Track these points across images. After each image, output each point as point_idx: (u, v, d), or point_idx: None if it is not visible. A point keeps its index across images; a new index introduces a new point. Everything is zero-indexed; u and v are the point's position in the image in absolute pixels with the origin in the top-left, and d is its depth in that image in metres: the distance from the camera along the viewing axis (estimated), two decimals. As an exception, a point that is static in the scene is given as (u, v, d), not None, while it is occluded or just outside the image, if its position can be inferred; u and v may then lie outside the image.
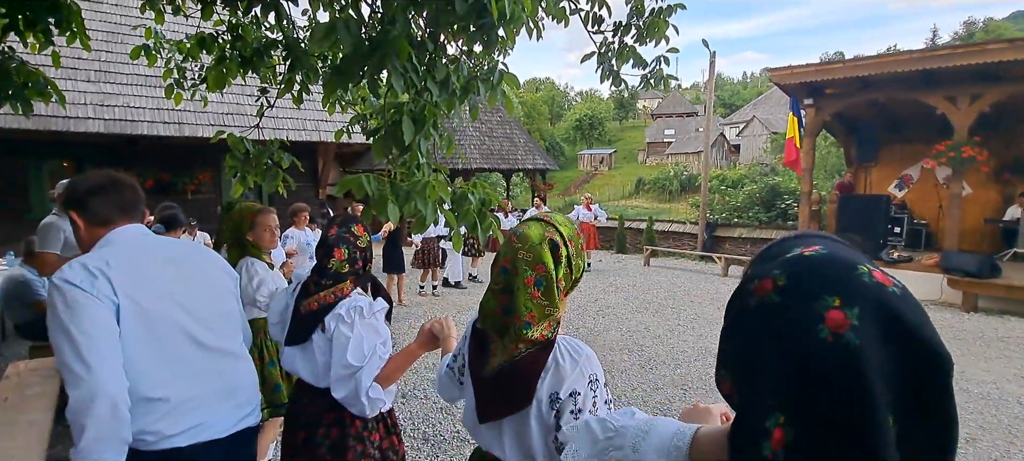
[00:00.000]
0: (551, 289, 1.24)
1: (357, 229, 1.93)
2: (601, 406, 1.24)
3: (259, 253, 2.88)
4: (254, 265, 2.81)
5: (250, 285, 2.77)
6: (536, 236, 1.25)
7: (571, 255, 1.28)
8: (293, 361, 1.90)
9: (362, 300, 1.85)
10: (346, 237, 1.90)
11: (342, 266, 1.85)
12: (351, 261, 1.87)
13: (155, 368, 1.46)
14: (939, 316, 7.34)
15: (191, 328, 1.55)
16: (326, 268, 1.84)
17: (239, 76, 3.40)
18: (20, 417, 3.02)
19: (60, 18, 2.70)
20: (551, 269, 1.24)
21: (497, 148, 15.58)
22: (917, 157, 10.59)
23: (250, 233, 2.86)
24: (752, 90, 79.50)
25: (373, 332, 1.80)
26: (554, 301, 1.24)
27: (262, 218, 2.89)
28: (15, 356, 5.07)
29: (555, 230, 1.28)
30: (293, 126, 10.08)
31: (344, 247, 1.87)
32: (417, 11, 2.27)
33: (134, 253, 1.52)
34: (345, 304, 1.81)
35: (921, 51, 8.26)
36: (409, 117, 2.27)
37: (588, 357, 1.26)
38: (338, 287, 1.84)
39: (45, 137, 8.47)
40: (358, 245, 1.91)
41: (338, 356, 1.76)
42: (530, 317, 1.23)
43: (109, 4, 9.99)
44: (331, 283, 1.83)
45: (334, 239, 1.88)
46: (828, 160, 23.82)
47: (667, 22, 2.68)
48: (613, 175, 48.91)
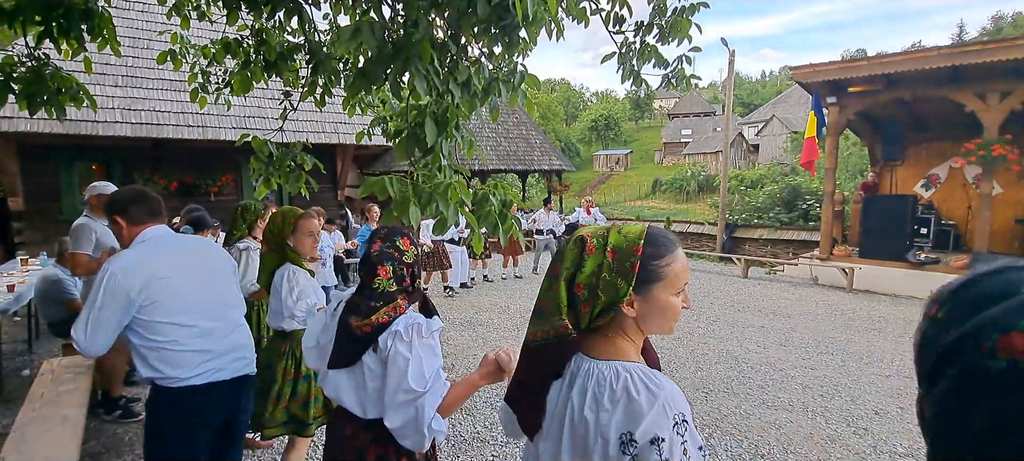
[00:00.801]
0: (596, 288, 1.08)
1: (402, 243, 1.75)
2: (694, 454, 0.97)
3: (299, 260, 2.68)
4: (296, 275, 2.60)
5: (290, 296, 2.57)
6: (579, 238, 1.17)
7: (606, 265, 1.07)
8: (338, 387, 1.71)
9: (419, 318, 1.68)
10: (390, 253, 1.72)
11: (389, 285, 1.69)
12: (398, 279, 1.71)
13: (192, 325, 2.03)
14: (969, 319, 7.13)
15: (204, 301, 2.11)
16: (373, 288, 1.68)
17: (263, 80, 3.46)
18: (55, 412, 3.11)
19: (92, 25, 2.77)
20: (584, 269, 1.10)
21: (513, 149, 15.59)
22: (944, 156, 10.33)
23: (291, 238, 2.67)
24: (771, 89, 78.28)
25: (432, 354, 1.63)
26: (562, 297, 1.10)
27: (304, 223, 2.70)
28: (49, 354, 5.22)
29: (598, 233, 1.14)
30: (313, 129, 10.21)
31: (389, 264, 1.70)
32: (439, 13, 2.28)
33: (161, 249, 2.09)
34: (401, 321, 1.64)
35: (949, 47, 8.06)
36: (432, 119, 2.29)
37: (671, 394, 1.01)
38: (391, 307, 1.66)
39: (75, 141, 8.71)
40: (404, 261, 1.73)
41: (395, 379, 1.58)
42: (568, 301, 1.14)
43: (136, 11, 10.25)
44: (382, 304, 1.66)
45: (377, 256, 1.71)
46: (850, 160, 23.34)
47: (690, 21, 2.66)
48: (629, 176, 48.59)
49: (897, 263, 8.80)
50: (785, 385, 4.72)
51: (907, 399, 4.40)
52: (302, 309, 2.58)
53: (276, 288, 2.62)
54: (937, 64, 7.84)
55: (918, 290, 8.47)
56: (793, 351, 5.70)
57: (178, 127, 9.19)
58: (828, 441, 3.71)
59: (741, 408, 4.24)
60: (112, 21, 2.93)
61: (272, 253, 2.69)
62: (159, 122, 9.07)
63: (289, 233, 2.67)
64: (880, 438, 3.76)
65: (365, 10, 2.65)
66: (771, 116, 46.84)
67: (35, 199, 8.99)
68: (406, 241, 1.76)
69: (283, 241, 2.66)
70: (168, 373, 2.00)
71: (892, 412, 4.17)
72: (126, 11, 9.99)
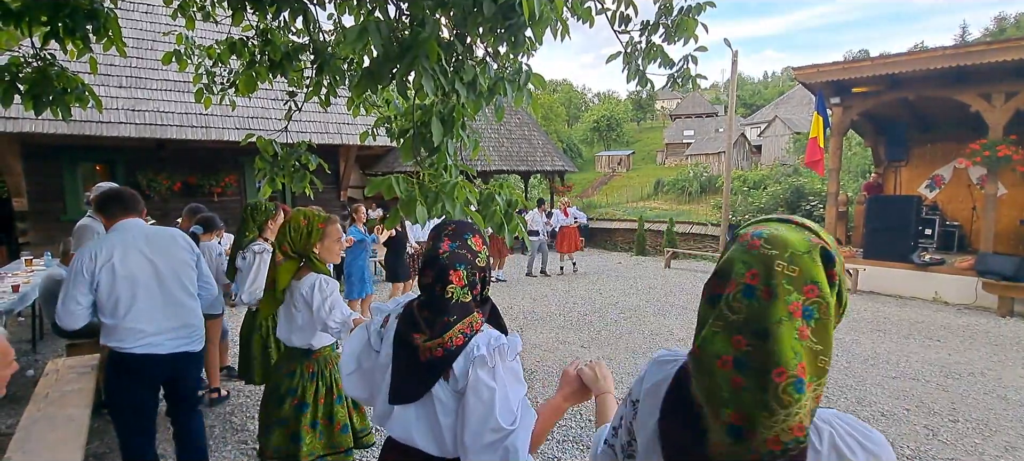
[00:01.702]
0: (826, 326, 0.76)
1: (475, 242, 1.42)
2: None
3: (324, 268, 2.45)
4: (327, 284, 2.38)
5: (323, 307, 2.33)
6: (799, 242, 0.78)
7: (842, 277, 0.81)
8: (407, 426, 1.40)
9: (499, 336, 1.40)
10: (463, 254, 1.39)
11: (463, 294, 1.36)
12: (471, 285, 1.39)
13: (131, 306, 2.41)
14: (974, 320, 7.10)
15: (155, 281, 2.47)
16: (445, 299, 1.35)
17: (267, 80, 3.46)
18: (59, 412, 3.11)
19: (97, 25, 2.78)
20: (827, 293, 0.77)
21: (515, 150, 15.58)
22: (949, 157, 10.29)
23: (318, 244, 2.41)
24: (773, 89, 78.16)
25: (517, 381, 1.38)
26: (829, 345, 0.77)
27: (333, 229, 2.47)
28: (53, 354, 5.23)
29: (816, 235, 0.82)
30: (316, 130, 10.22)
31: (463, 268, 1.37)
32: (445, 12, 2.28)
33: (126, 237, 2.46)
34: (482, 340, 1.35)
35: (954, 47, 8.03)
36: (438, 118, 2.28)
37: (888, 450, 0.81)
38: (468, 320, 1.36)
39: (79, 142, 8.73)
40: (477, 265, 1.41)
41: (480, 416, 1.30)
42: (800, 369, 0.72)
43: (140, 12, 10.27)
44: (457, 318, 1.35)
45: (448, 257, 1.37)
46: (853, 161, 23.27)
47: (696, 21, 2.65)
48: (631, 176, 48.54)
49: (901, 264, 8.76)
50: (790, 386, 4.70)
51: (913, 401, 4.38)
52: (338, 319, 2.34)
53: (303, 300, 2.37)
54: (941, 64, 7.81)
55: (923, 291, 8.44)
56: (798, 352, 5.67)
57: (182, 128, 9.21)
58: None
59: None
60: (118, 21, 2.93)
61: (290, 261, 2.41)
62: (163, 123, 9.08)
63: (317, 240, 2.41)
64: (887, 439, 3.74)
65: (370, 10, 2.64)
66: (774, 117, 46.76)
67: (39, 200, 9.01)
68: (478, 239, 1.45)
69: (308, 248, 2.40)
70: (113, 343, 2.44)
71: (899, 414, 4.15)
72: (130, 12, 10.02)
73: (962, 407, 4.29)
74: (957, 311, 7.67)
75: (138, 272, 2.43)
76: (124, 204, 2.53)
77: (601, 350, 5.72)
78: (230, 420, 3.93)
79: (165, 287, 2.50)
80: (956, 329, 6.68)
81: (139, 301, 2.43)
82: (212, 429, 3.79)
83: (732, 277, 0.80)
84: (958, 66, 7.71)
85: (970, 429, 3.93)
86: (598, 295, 8.72)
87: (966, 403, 4.37)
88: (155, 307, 2.47)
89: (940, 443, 3.72)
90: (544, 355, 5.54)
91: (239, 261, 3.55)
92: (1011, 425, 4.00)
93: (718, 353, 0.77)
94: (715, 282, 0.84)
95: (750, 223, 0.89)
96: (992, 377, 4.98)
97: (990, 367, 5.27)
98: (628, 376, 4.91)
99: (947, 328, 6.72)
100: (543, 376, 4.92)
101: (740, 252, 0.81)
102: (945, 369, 5.19)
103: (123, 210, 2.52)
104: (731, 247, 0.85)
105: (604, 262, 12.86)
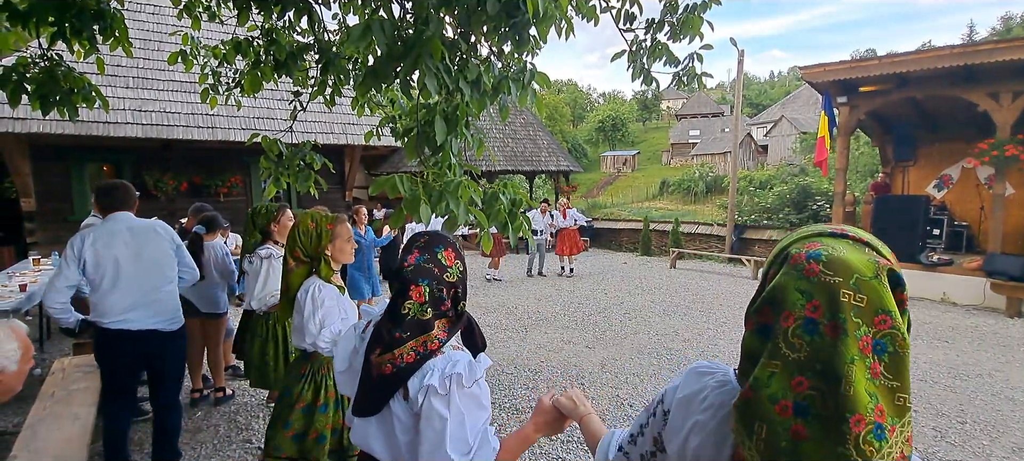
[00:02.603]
0: (903, 359, 0.68)
1: (445, 256, 1.36)
2: None
3: (331, 273, 2.37)
4: (321, 291, 2.27)
5: (312, 319, 2.24)
6: (865, 266, 0.69)
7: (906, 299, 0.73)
8: (366, 436, 1.38)
9: (460, 359, 1.33)
10: (429, 269, 1.33)
11: (421, 311, 1.31)
12: (435, 302, 1.33)
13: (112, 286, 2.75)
14: (982, 321, 7.03)
15: (133, 266, 2.78)
16: (401, 314, 1.31)
17: (273, 80, 3.47)
18: (65, 411, 3.13)
19: (105, 25, 2.79)
20: (899, 323, 0.68)
21: (520, 150, 15.58)
22: (957, 156, 10.20)
23: (329, 246, 2.35)
24: (780, 89, 77.79)
25: (477, 407, 1.31)
26: (907, 379, 0.68)
27: (342, 228, 2.40)
28: (59, 353, 5.26)
29: (879, 253, 0.73)
30: (321, 130, 10.26)
31: (425, 283, 1.32)
32: (449, 11, 2.27)
33: (114, 226, 2.80)
34: (437, 366, 1.29)
35: (962, 46, 7.95)
36: (441, 117, 2.28)
37: None
38: (422, 338, 1.31)
39: (86, 142, 8.79)
40: (445, 280, 1.35)
41: (431, 444, 1.26)
42: (878, 413, 0.64)
43: (146, 13, 10.34)
44: (409, 335, 1.30)
45: (411, 271, 1.33)
46: (861, 161, 23.11)
47: (702, 18, 2.63)
48: (637, 176, 48.42)
49: (909, 265, 8.69)
50: (796, 387, 4.67)
51: (921, 402, 4.34)
52: (326, 338, 2.24)
53: (299, 305, 2.34)
54: (949, 63, 7.74)
55: (930, 292, 8.37)
56: (804, 353, 5.64)
57: (188, 128, 9.26)
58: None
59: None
60: (124, 22, 2.95)
61: (302, 267, 2.36)
62: (169, 123, 9.14)
63: (327, 242, 2.34)
64: (894, 441, 3.70)
65: (375, 9, 2.64)
66: (780, 117, 46.55)
67: (46, 200, 9.08)
68: (450, 253, 1.38)
69: (320, 252, 2.33)
70: (94, 318, 2.81)
71: (906, 415, 4.11)
72: (137, 13, 10.08)
73: (970, 408, 4.25)
74: (965, 312, 7.60)
75: (120, 256, 2.75)
76: (115, 198, 2.86)
77: (606, 350, 5.70)
78: (235, 419, 3.94)
79: (142, 271, 2.81)
80: (964, 330, 6.62)
81: (119, 281, 2.76)
82: (217, 428, 3.80)
83: (786, 307, 0.70)
84: (966, 65, 7.64)
85: (978, 430, 3.89)
86: (603, 295, 8.70)
87: (974, 404, 4.33)
88: (131, 288, 2.78)
89: (948, 445, 3.69)
90: (549, 355, 5.53)
91: (247, 266, 3.54)
92: (1019, 426, 3.96)
93: (776, 397, 0.67)
94: (765, 310, 0.74)
95: (800, 238, 0.77)
96: (1000, 378, 4.93)
97: (998, 368, 5.21)
98: (633, 376, 4.89)
99: (955, 329, 6.66)
100: (548, 375, 4.91)
101: (795, 278, 0.70)
102: (953, 370, 5.14)
103: (114, 204, 2.85)
104: (781, 269, 0.74)
105: (609, 262, 12.83)
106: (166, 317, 2.93)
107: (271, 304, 3.21)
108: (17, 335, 1.48)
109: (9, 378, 1.45)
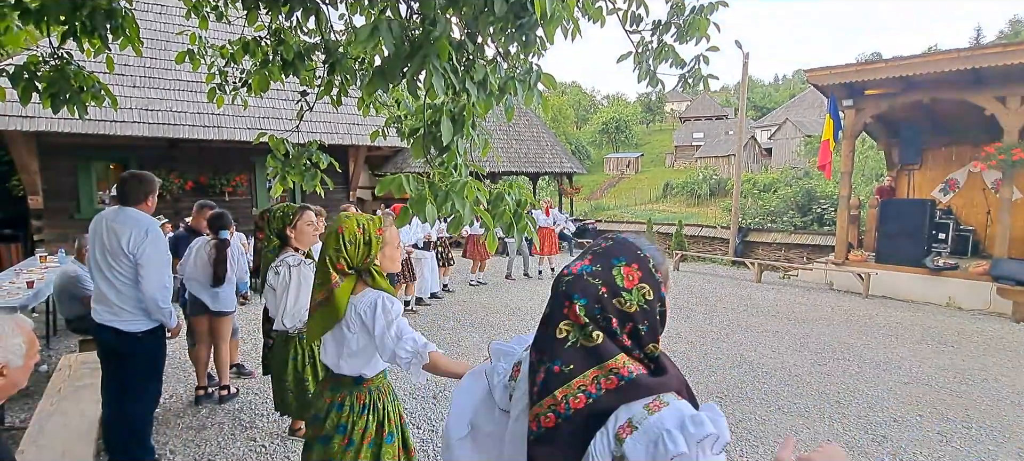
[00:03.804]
0: None
1: (624, 273, 0.96)
2: None
3: (386, 282, 2.04)
4: (392, 305, 1.96)
5: (388, 332, 1.92)
6: None
7: None
8: None
9: (693, 413, 0.92)
10: (594, 285, 0.95)
11: (586, 336, 0.94)
12: (603, 329, 0.95)
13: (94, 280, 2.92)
14: (988, 326, 6.99)
15: (103, 260, 2.85)
16: (556, 339, 0.95)
17: (280, 79, 3.49)
18: (72, 407, 3.15)
19: (115, 24, 2.81)
20: None
21: (524, 151, 15.59)
22: (963, 160, 10.14)
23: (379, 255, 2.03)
24: (784, 92, 77.56)
25: None
26: None
27: (391, 233, 2.09)
28: (66, 350, 5.29)
29: None
30: (326, 130, 10.29)
31: (583, 302, 0.95)
32: (456, 11, 2.28)
33: (103, 219, 2.88)
34: (666, 418, 0.89)
35: (969, 49, 7.92)
36: (448, 118, 2.29)
37: None
38: (590, 376, 0.92)
39: (93, 141, 8.86)
40: (615, 306, 0.95)
41: None
42: None
43: (154, 13, 10.40)
44: (574, 369, 0.93)
45: (569, 283, 0.97)
46: (866, 164, 23.04)
47: (708, 20, 2.63)
48: (640, 179, 48.36)
49: (914, 269, 8.65)
50: (800, 391, 4.65)
51: (927, 407, 4.32)
52: (408, 349, 1.91)
53: (360, 321, 1.95)
54: (956, 66, 7.71)
55: (936, 296, 8.33)
56: (808, 356, 5.62)
57: (194, 127, 9.32)
58: (846, 448, 3.65)
59: (756, 413, 4.19)
60: (135, 21, 2.97)
61: (348, 279, 1.98)
62: (175, 122, 9.19)
63: (377, 251, 2.00)
64: (899, 446, 3.69)
65: (382, 9, 2.66)
66: (784, 120, 46.42)
67: (54, 198, 9.15)
68: (634, 272, 0.96)
69: (368, 263, 2.00)
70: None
71: (911, 420, 4.09)
72: (144, 13, 10.15)
73: (976, 413, 4.22)
74: (971, 316, 7.55)
75: (95, 248, 2.88)
76: (120, 192, 2.96)
77: (609, 352, 5.69)
78: (239, 417, 3.95)
79: (105, 266, 2.87)
80: (970, 334, 6.58)
81: (94, 274, 2.91)
82: (221, 426, 3.82)
83: None
84: (973, 68, 7.61)
85: (984, 435, 3.87)
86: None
87: (980, 409, 4.31)
88: (98, 281, 2.89)
89: (953, 449, 3.67)
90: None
91: (271, 277, 3.02)
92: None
93: None
94: None
95: None
96: (1006, 383, 4.90)
97: (1004, 373, 5.18)
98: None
99: (961, 333, 6.63)
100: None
101: None
102: (959, 375, 5.12)
103: (119, 197, 2.96)
104: None
105: (612, 264, 12.80)
106: (124, 318, 2.89)
107: (304, 321, 2.86)
108: (22, 330, 1.48)
109: (14, 373, 1.45)
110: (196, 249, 4.03)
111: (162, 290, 2.91)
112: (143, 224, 2.85)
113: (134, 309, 2.89)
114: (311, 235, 3.25)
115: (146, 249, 2.82)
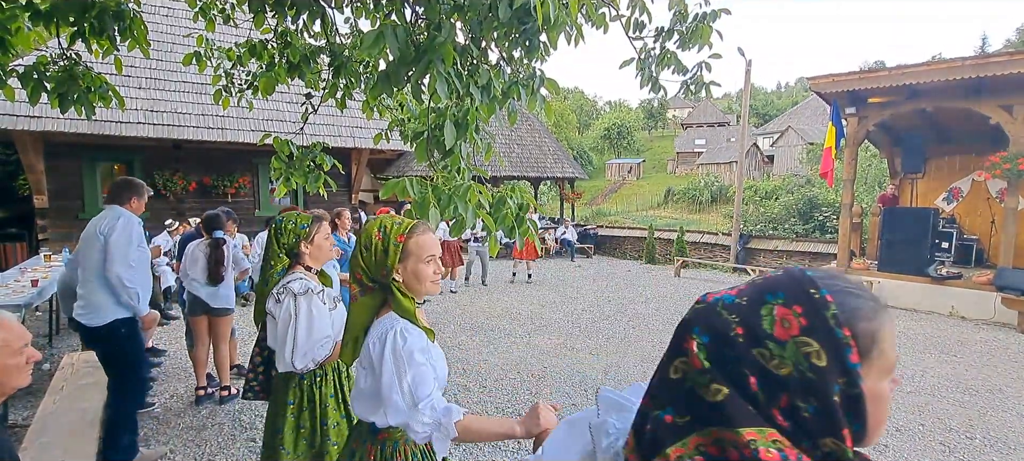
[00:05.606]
0: None
1: (776, 315, 0.64)
2: None
3: (413, 308, 1.53)
4: (405, 340, 1.47)
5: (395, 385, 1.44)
6: None
7: None
8: None
9: None
10: (726, 323, 0.68)
11: (703, 382, 0.68)
12: (729, 379, 0.69)
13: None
14: (992, 336, 6.96)
15: (81, 254, 2.98)
16: (670, 380, 0.73)
17: (286, 82, 3.52)
18: (74, 406, 3.16)
19: (124, 26, 2.84)
20: None
21: (526, 156, 15.62)
22: (967, 169, 10.13)
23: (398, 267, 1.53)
24: (786, 99, 77.56)
25: None
26: None
27: (420, 242, 1.56)
28: (69, 348, 5.32)
29: None
30: (329, 133, 10.34)
31: (706, 339, 0.71)
32: (461, 17, 2.30)
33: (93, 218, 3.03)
34: None
35: (974, 58, 7.91)
36: (452, 122, 2.30)
37: None
38: (709, 436, 0.68)
39: (98, 141, 8.91)
40: (757, 361, 0.64)
41: None
42: None
43: (160, 15, 10.48)
44: (692, 423, 0.67)
45: (693, 315, 0.74)
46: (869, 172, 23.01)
47: (711, 27, 2.65)
48: (642, 185, 48.36)
49: (917, 278, 8.62)
50: (802, 398, 4.64)
51: (929, 416, 4.30)
52: (425, 420, 1.41)
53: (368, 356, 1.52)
54: (960, 75, 7.70)
55: (939, 306, 8.30)
56: (810, 364, 5.60)
57: (198, 129, 9.36)
58: (847, 456, 3.63)
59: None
60: (143, 23, 3.00)
61: (368, 295, 1.57)
62: (180, 123, 9.24)
63: (395, 261, 1.52)
64: (902, 455, 3.67)
65: (387, 14, 2.68)
66: (787, 127, 46.40)
67: (58, 197, 9.20)
68: (794, 317, 0.64)
69: (386, 278, 1.53)
70: None
71: (914, 429, 4.08)
72: (151, 15, 10.23)
73: (979, 423, 4.20)
74: (975, 326, 7.52)
75: (80, 247, 3.02)
76: (111, 193, 3.07)
77: (610, 357, 5.69)
78: (239, 418, 3.96)
79: (81, 257, 3.02)
80: (974, 344, 6.55)
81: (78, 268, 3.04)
82: (221, 426, 3.82)
83: None
84: (978, 77, 7.60)
85: (987, 446, 3.85)
86: (607, 302, 8.68)
87: (983, 419, 4.28)
88: (79, 276, 3.02)
89: (956, 459, 3.65)
90: (552, 361, 5.53)
91: (271, 304, 2.21)
92: (1030, 443, 3.91)
93: None
94: None
95: None
96: (1011, 394, 4.88)
97: (1008, 383, 5.16)
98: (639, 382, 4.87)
99: (964, 343, 6.60)
100: (551, 380, 4.91)
101: None
102: (962, 385, 5.09)
103: (109, 197, 3.08)
104: None
105: (613, 270, 12.81)
106: (87, 312, 3.00)
107: (324, 357, 2.17)
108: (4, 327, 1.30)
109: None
110: (192, 249, 4.08)
111: (127, 270, 2.98)
112: (117, 212, 3.02)
113: (100, 296, 2.97)
114: (329, 251, 2.50)
115: (116, 229, 2.96)
